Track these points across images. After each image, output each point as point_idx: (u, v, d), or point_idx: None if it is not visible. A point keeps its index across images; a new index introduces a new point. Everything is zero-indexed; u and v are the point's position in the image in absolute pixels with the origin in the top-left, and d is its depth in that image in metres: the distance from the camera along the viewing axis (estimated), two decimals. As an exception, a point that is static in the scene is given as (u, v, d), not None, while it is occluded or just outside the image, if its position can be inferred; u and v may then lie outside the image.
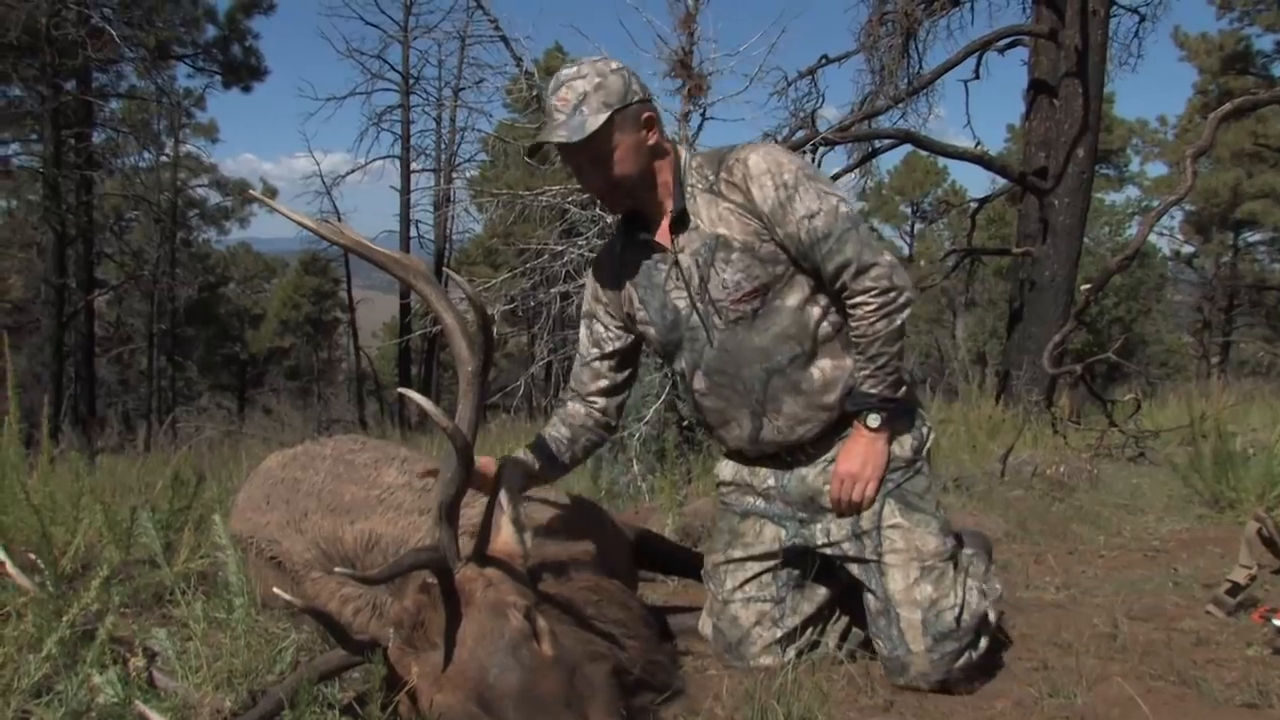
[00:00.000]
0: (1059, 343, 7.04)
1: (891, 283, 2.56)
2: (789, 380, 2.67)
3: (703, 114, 7.47)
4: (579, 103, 2.55)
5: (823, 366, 2.67)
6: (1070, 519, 4.75)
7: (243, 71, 23.71)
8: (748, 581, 2.83)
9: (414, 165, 28.70)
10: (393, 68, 27.45)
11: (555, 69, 2.78)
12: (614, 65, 2.64)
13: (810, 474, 2.77)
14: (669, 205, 2.71)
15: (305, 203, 28.07)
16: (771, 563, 2.81)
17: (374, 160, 27.65)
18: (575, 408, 2.89)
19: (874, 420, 2.64)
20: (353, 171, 27.80)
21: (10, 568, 2.30)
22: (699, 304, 2.70)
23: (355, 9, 26.49)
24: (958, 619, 2.59)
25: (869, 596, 2.69)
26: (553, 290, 6.88)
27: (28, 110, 19.98)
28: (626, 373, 2.94)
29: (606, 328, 2.89)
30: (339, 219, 27.97)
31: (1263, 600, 3.19)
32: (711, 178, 2.68)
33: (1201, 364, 30.08)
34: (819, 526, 2.76)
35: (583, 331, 2.95)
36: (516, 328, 18.01)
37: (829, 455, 2.74)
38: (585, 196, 6.08)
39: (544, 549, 2.45)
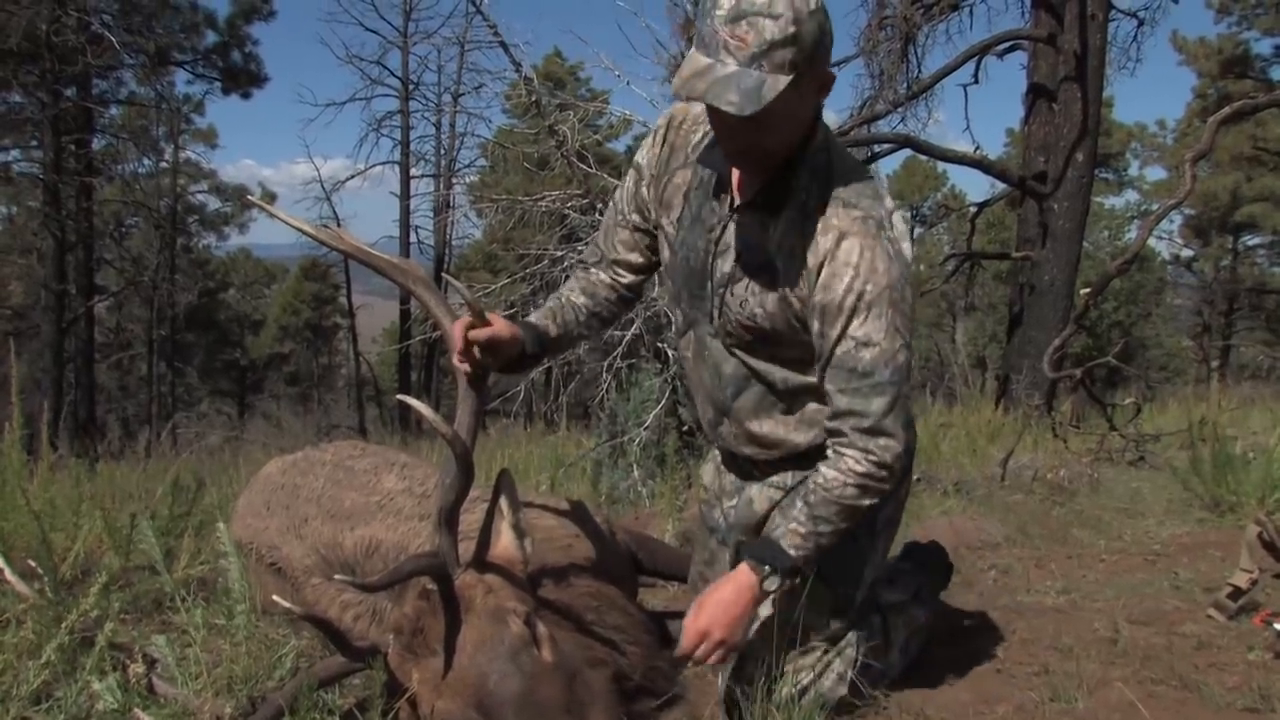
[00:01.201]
0: (1059, 347, 7.03)
1: (889, 462, 2.21)
2: (761, 404, 2.47)
3: (702, 119, 7.47)
4: (761, 54, 1.98)
5: (798, 417, 2.44)
6: (1071, 523, 4.74)
7: (242, 77, 23.77)
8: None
9: (414, 171, 28.80)
10: (392, 73, 27.55)
11: (554, 74, 2.67)
12: (813, 3, 2.02)
13: (757, 498, 2.62)
14: (765, 174, 2.26)
15: (305, 208, 28.13)
16: None
17: (374, 166, 27.74)
18: (599, 275, 2.61)
19: (772, 584, 2.23)
20: (352, 177, 27.86)
21: (9, 574, 2.30)
22: (718, 287, 2.37)
23: (354, 15, 26.63)
24: (799, 695, 2.37)
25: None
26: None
27: (28, 116, 20.03)
28: (646, 260, 2.60)
29: (648, 199, 2.52)
30: (339, 224, 27.90)
31: (1264, 604, 3.18)
32: (811, 207, 2.22)
33: (1201, 368, 30.08)
34: None
35: (627, 184, 2.56)
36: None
37: (777, 481, 2.57)
38: (585, 202, 6.07)
39: (544, 555, 2.45)
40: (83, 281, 21.49)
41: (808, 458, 2.43)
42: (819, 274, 2.18)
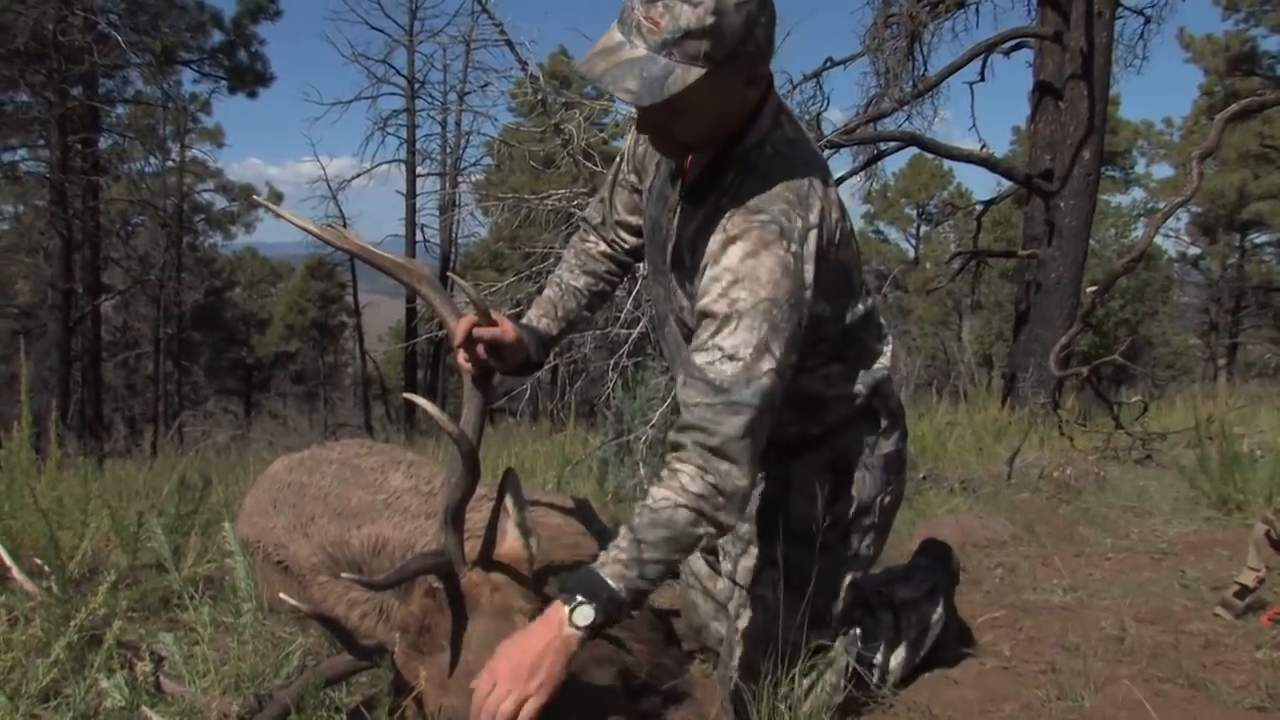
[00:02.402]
0: (1065, 345, 7.02)
1: (728, 491, 1.95)
2: None
3: (707, 117, 7.48)
4: (673, 41, 1.85)
5: None
6: (1077, 521, 4.74)
7: (248, 76, 23.79)
8: (704, 577, 2.72)
9: (419, 169, 28.77)
10: (398, 72, 27.55)
11: (560, 72, 2.65)
12: None
13: None
14: (704, 160, 2.14)
15: (311, 207, 28.23)
16: (718, 565, 2.66)
17: (379, 165, 27.70)
18: (597, 245, 2.54)
19: (583, 616, 1.89)
20: (358, 176, 27.84)
21: (17, 573, 2.31)
22: (671, 272, 2.26)
23: (360, 14, 26.76)
24: (793, 702, 2.28)
25: (725, 646, 2.48)
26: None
27: (35, 116, 20.08)
28: None
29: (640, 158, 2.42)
30: (345, 223, 27.88)
31: (1271, 603, 3.17)
32: (724, 206, 2.06)
33: (1208, 366, 30.07)
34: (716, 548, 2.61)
35: (627, 142, 2.45)
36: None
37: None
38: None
39: (550, 553, 2.45)
40: (89, 280, 21.54)
41: (763, 458, 2.15)
42: (701, 277, 2.02)
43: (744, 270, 1.95)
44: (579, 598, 1.89)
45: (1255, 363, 29.10)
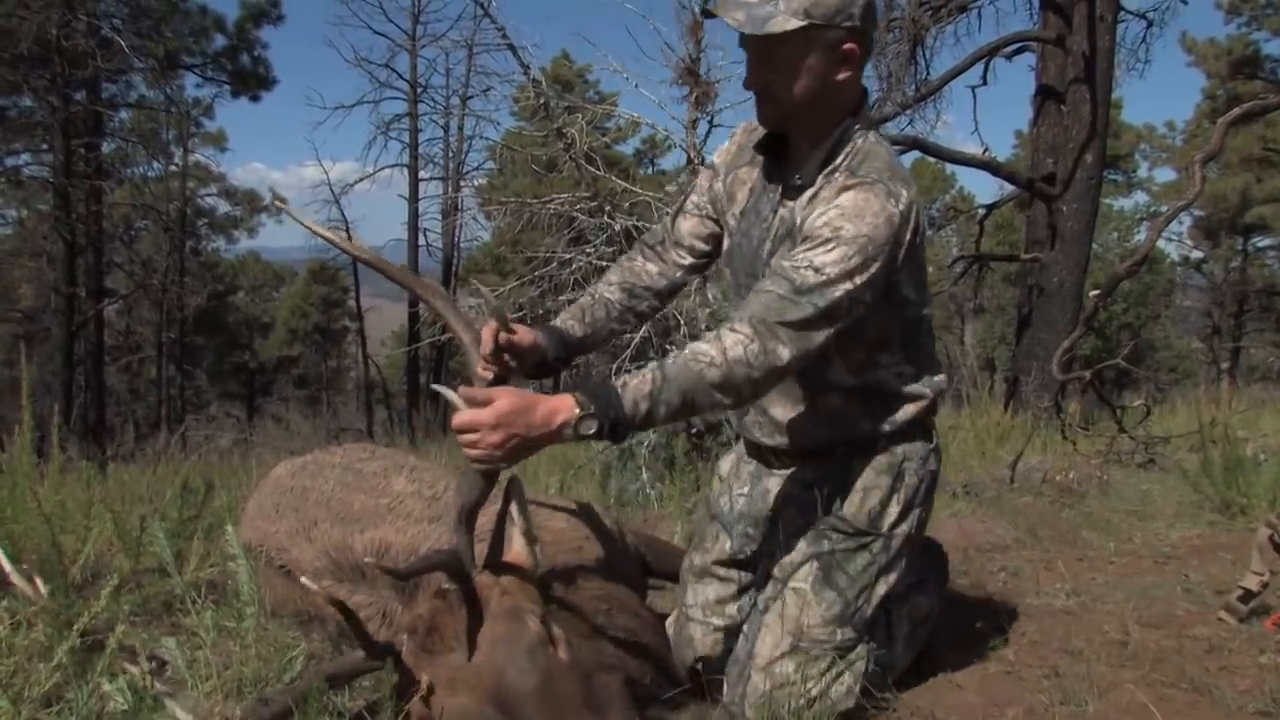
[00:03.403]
0: (1068, 348, 7.01)
1: (767, 366, 2.10)
2: (786, 391, 2.50)
3: (710, 121, 7.49)
4: None
5: (817, 408, 2.49)
6: (1080, 525, 4.73)
7: (251, 81, 23.80)
8: (708, 606, 2.73)
9: (422, 173, 28.79)
10: (401, 76, 27.58)
11: (563, 76, 2.73)
12: None
13: (772, 490, 2.66)
14: (810, 160, 2.34)
15: (314, 211, 28.22)
16: (731, 587, 2.72)
17: (382, 169, 27.79)
18: (645, 264, 2.66)
19: (586, 427, 2.00)
20: (361, 180, 27.92)
21: (15, 578, 2.31)
22: (766, 267, 2.39)
23: (363, 18, 26.65)
24: (807, 705, 2.38)
25: (741, 639, 2.57)
26: (561, 298, 6.88)
27: (38, 120, 20.09)
28: (712, 248, 2.66)
29: (720, 193, 2.60)
30: (347, 227, 28.16)
31: (1275, 607, 3.16)
32: (841, 175, 2.29)
33: (1211, 369, 30.01)
34: (751, 546, 2.69)
35: (701, 180, 2.67)
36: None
37: (798, 476, 2.60)
38: (594, 204, 6.08)
39: (554, 557, 2.45)
40: (92, 285, 21.53)
41: (829, 455, 2.52)
42: (812, 207, 2.25)
43: (851, 209, 2.17)
44: (591, 409, 1.98)
45: (1258, 366, 29.07)
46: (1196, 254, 34.42)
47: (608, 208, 6.01)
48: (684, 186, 7.47)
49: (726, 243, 2.59)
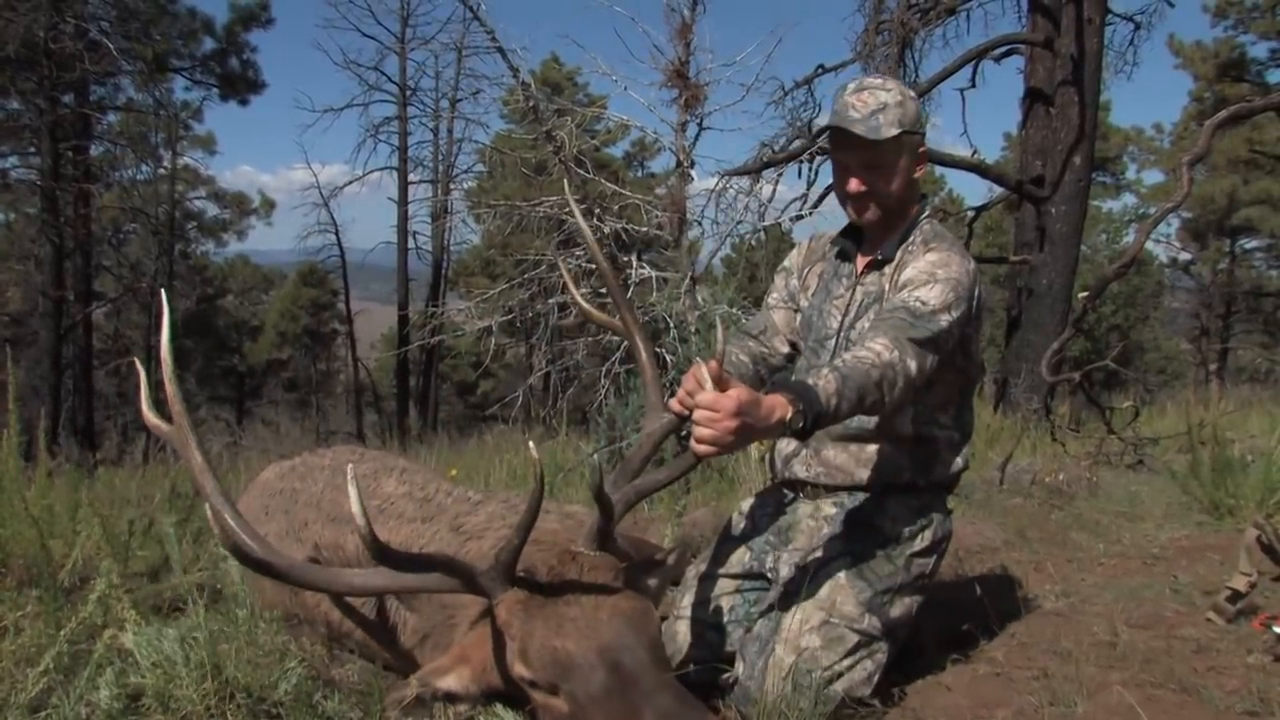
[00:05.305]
0: (1057, 350, 7.04)
1: (911, 373, 2.40)
2: (840, 435, 2.77)
3: (700, 123, 7.50)
4: (878, 109, 2.65)
5: (866, 454, 2.76)
6: (1069, 526, 4.75)
7: (240, 84, 23.76)
8: (704, 605, 2.85)
9: (411, 176, 28.73)
10: (390, 79, 27.51)
11: (552, 79, 2.81)
12: (912, 94, 2.76)
13: (803, 508, 2.86)
14: (886, 239, 2.80)
15: (304, 214, 28.28)
16: (735, 598, 2.84)
17: (371, 172, 27.72)
18: (754, 346, 3.03)
19: (796, 421, 2.18)
20: (350, 183, 27.87)
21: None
22: (840, 335, 2.81)
23: (352, 21, 26.63)
24: (826, 682, 2.50)
25: (763, 620, 2.71)
26: (550, 301, 6.89)
27: (25, 123, 19.97)
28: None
29: (796, 288, 3.05)
30: (337, 231, 28.13)
31: (1263, 607, 3.18)
32: (920, 248, 2.75)
33: (1199, 371, 30.10)
34: (772, 555, 2.83)
35: (778, 281, 3.11)
36: (514, 338, 18.01)
37: (828, 501, 2.82)
38: (583, 207, 6.07)
39: (546, 559, 2.44)
40: (81, 288, 21.45)
41: (867, 490, 2.78)
42: (905, 263, 2.71)
43: (940, 261, 2.62)
44: (800, 406, 2.18)
45: (1246, 367, 29.16)
46: (1184, 256, 34.54)
47: (596, 210, 6.01)
48: (672, 189, 7.48)
49: (799, 319, 3.02)
